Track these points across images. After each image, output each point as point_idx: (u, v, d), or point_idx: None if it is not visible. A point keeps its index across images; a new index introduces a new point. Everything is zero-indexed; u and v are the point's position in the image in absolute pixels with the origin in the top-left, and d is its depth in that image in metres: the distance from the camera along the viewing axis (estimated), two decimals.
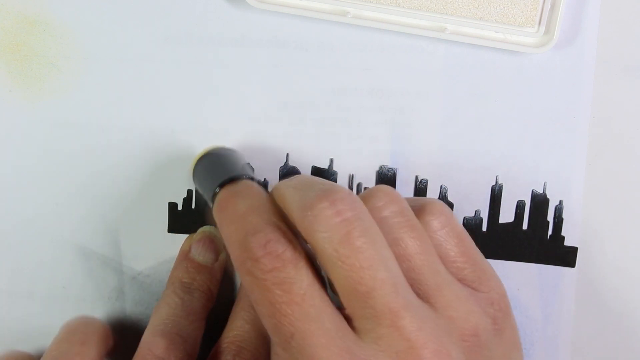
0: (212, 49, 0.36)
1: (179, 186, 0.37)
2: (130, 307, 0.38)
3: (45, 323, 0.38)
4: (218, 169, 0.33)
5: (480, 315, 0.29)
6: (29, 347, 0.38)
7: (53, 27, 0.36)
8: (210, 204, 0.32)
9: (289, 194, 0.28)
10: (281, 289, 0.27)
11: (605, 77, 0.36)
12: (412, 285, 0.28)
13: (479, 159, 0.37)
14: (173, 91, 0.36)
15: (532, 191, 0.37)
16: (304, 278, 0.27)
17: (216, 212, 0.30)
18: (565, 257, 0.38)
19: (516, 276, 0.38)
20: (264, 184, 0.36)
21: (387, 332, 0.26)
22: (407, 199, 0.31)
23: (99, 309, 0.38)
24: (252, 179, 0.32)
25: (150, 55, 0.36)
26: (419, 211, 0.30)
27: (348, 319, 0.27)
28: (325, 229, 0.26)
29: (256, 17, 0.36)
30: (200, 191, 0.35)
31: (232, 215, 0.29)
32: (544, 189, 0.37)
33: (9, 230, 0.37)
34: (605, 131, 0.37)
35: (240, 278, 0.28)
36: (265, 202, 0.29)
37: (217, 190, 0.31)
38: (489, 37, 0.35)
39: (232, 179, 0.31)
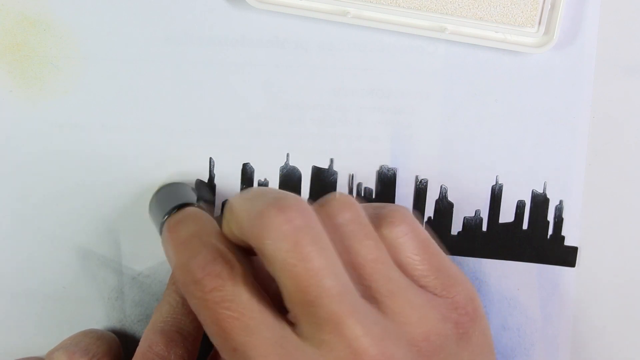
0: (212, 49, 0.36)
1: None
2: (130, 307, 0.38)
3: (46, 323, 0.38)
4: (165, 202, 0.34)
5: (436, 321, 0.29)
6: (28, 348, 0.38)
7: (53, 27, 0.36)
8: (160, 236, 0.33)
9: (239, 204, 0.29)
10: (222, 307, 0.27)
11: (605, 77, 0.36)
12: (363, 292, 0.28)
13: (479, 159, 0.37)
14: (173, 91, 0.36)
15: (532, 191, 0.37)
16: (242, 293, 0.28)
17: (162, 241, 0.32)
18: (565, 257, 0.38)
19: (516, 276, 0.38)
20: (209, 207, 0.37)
21: (329, 338, 0.27)
22: (371, 206, 0.31)
23: (99, 309, 0.38)
24: (199, 204, 0.34)
25: (150, 55, 0.36)
26: (380, 219, 0.30)
27: (293, 324, 0.28)
28: (274, 236, 0.27)
29: (256, 17, 0.36)
30: (155, 226, 0.35)
31: (175, 241, 0.30)
32: (544, 189, 0.37)
33: (9, 230, 0.37)
34: (605, 131, 0.37)
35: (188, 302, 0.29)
36: (207, 225, 0.31)
37: (164, 220, 0.33)
38: (489, 37, 0.35)
39: (177, 208, 0.33)
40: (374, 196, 0.37)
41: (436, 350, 0.29)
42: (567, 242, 0.38)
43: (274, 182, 0.37)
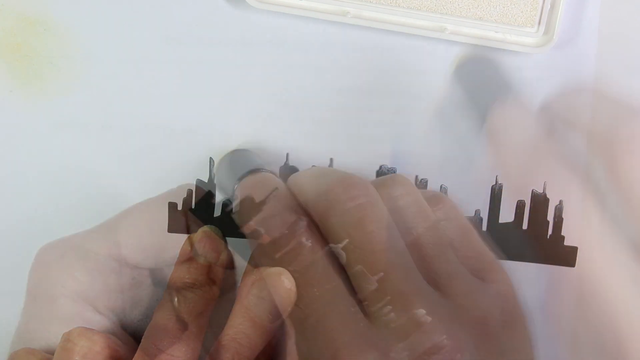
0: (212, 49, 0.36)
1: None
2: (130, 307, 0.38)
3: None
4: (237, 167, 0.34)
5: (488, 306, 0.29)
6: None
7: (53, 27, 0.36)
8: (232, 201, 0.32)
9: (304, 181, 0.29)
10: (298, 273, 0.27)
11: (605, 77, 0.36)
12: (422, 273, 0.28)
13: (479, 158, 0.37)
14: (173, 91, 0.36)
15: (532, 191, 0.37)
16: (320, 262, 0.27)
17: (237, 202, 0.31)
18: (565, 257, 0.38)
19: (516, 276, 0.38)
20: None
21: (398, 316, 0.27)
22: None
23: None
24: (270, 171, 0.33)
25: (150, 55, 0.36)
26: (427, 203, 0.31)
27: (360, 303, 0.28)
28: (339, 213, 0.27)
29: (256, 17, 0.36)
30: (223, 191, 0.35)
31: (252, 203, 0.30)
32: (544, 189, 0.37)
33: (9, 230, 0.37)
34: (605, 131, 0.37)
35: (255, 261, 0.29)
36: (284, 190, 0.30)
37: (237, 184, 0.32)
38: (489, 37, 0.35)
39: (250, 172, 0.33)
40: None
41: (491, 335, 0.28)
42: (567, 242, 0.38)
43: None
